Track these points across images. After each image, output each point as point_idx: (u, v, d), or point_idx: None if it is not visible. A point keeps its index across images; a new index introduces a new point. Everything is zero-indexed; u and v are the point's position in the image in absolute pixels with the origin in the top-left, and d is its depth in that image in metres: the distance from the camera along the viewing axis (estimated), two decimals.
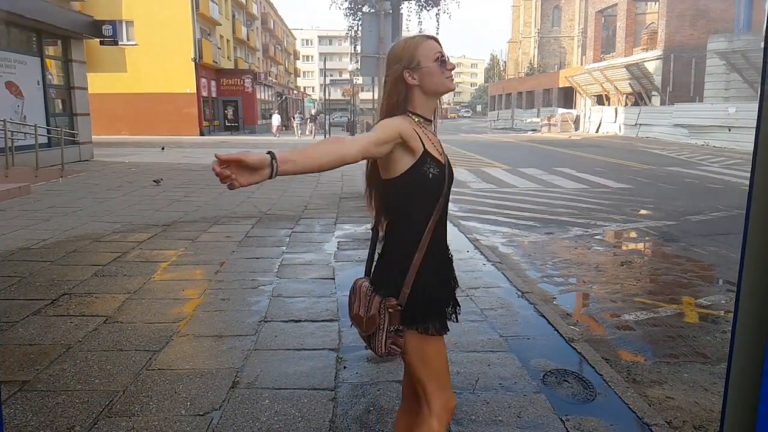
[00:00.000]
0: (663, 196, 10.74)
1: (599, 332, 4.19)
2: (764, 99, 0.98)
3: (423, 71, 1.73)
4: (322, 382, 3.06)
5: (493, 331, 3.83)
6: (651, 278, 5.57)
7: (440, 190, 1.72)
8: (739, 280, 1.14)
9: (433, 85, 1.74)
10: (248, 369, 3.20)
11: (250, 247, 6.17)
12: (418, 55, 1.73)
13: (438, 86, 1.75)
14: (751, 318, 1.02)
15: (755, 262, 0.99)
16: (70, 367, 3.20)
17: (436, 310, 1.76)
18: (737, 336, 1.09)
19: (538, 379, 3.16)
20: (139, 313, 4.09)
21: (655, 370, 3.57)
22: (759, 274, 0.97)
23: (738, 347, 1.09)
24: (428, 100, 1.77)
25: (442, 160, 1.75)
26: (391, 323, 1.71)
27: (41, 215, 7.88)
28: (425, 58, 1.73)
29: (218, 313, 4.13)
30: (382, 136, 1.61)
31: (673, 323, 4.35)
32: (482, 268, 5.47)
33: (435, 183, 1.71)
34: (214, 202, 9.25)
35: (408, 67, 1.73)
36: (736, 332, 1.11)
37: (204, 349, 3.49)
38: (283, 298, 4.47)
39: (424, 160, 1.69)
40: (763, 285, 0.97)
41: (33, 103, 14.07)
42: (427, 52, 1.73)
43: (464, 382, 3.10)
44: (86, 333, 3.70)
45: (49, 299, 4.36)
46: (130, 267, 5.30)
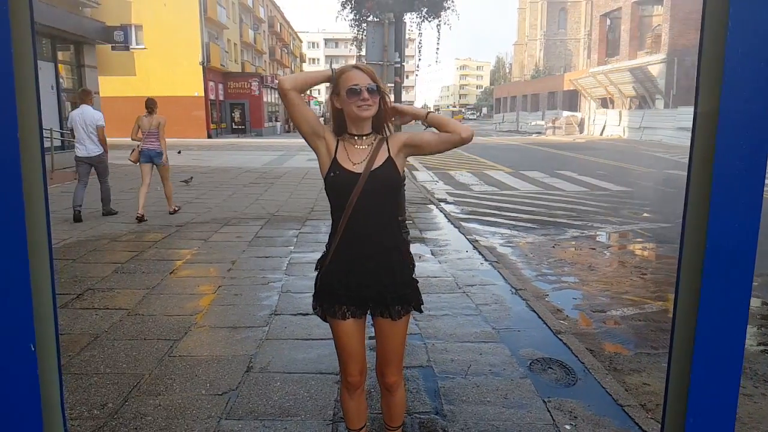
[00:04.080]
0: (661, 199, 11.00)
1: (586, 326, 4.48)
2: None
3: (341, 98, 2.03)
4: (328, 367, 3.37)
5: (486, 324, 4.13)
6: (641, 277, 5.84)
7: (345, 198, 2.00)
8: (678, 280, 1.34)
9: (350, 111, 2.02)
10: (261, 356, 3.52)
11: (260, 247, 6.49)
12: (339, 83, 2.03)
13: (350, 113, 2.02)
14: (686, 312, 1.25)
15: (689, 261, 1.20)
16: (99, 354, 3.53)
17: (330, 296, 2.09)
18: (676, 328, 1.32)
19: (525, 366, 3.46)
20: (158, 307, 4.41)
21: (635, 360, 3.86)
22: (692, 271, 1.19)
23: (677, 336, 1.32)
24: (353, 119, 2.04)
25: (357, 169, 2.04)
26: (314, 291, 2.18)
27: (59, 216, 8.22)
28: (343, 88, 2.01)
29: (232, 307, 4.45)
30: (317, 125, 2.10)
31: (657, 318, 4.64)
32: (479, 267, 5.77)
33: (341, 190, 2.02)
34: (225, 204, 9.59)
35: (334, 92, 2.06)
36: (676, 325, 1.33)
37: (220, 338, 3.81)
38: (292, 293, 4.78)
39: (332, 167, 2.03)
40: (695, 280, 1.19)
41: (47, 107, 14.49)
42: (345, 81, 2.01)
43: (457, 368, 3.40)
44: (111, 324, 4.03)
45: (74, 294, 4.69)
46: (147, 265, 5.64)
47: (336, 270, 2.08)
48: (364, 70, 2.04)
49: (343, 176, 2.03)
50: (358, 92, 1.99)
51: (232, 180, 12.62)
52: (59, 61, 15.53)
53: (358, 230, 2.04)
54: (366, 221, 2.03)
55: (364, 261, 2.06)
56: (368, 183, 2.02)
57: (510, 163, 18.20)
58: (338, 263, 2.07)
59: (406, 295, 2.14)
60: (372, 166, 2.05)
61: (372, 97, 2.00)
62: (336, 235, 2.06)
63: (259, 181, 12.88)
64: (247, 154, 21.34)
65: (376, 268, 2.07)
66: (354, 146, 2.08)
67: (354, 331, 2.14)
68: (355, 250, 2.06)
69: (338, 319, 2.11)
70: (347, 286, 2.07)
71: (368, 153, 2.07)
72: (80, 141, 8.17)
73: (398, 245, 2.15)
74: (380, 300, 2.10)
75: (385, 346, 2.17)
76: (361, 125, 2.08)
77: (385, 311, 2.11)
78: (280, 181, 13.01)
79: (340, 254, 2.07)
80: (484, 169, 16.21)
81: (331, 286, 2.09)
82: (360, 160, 2.06)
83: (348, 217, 2.02)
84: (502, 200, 10.67)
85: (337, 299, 2.09)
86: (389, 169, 2.09)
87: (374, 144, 2.10)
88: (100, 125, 8.11)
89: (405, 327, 2.19)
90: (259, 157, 18.91)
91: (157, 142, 8.22)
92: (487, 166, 17.38)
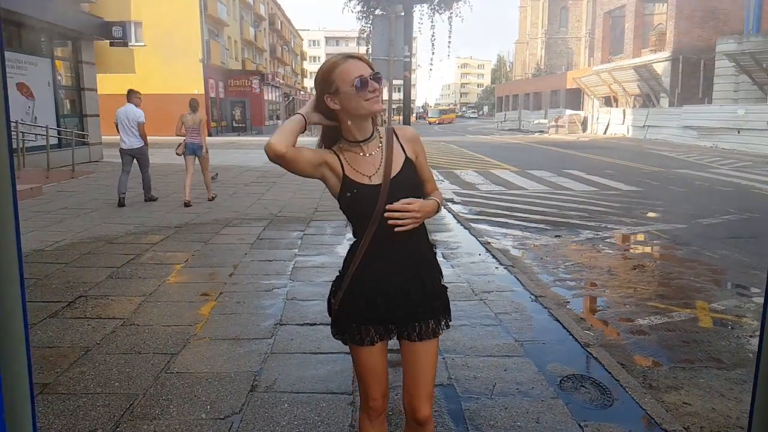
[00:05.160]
0: (673, 199, 10.70)
1: (614, 337, 4.19)
2: None
3: (341, 95, 1.71)
4: (340, 386, 3.07)
5: (508, 336, 3.84)
6: (663, 282, 5.55)
7: (367, 216, 1.73)
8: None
9: (354, 109, 1.72)
10: (266, 373, 3.22)
11: (263, 250, 6.20)
12: (334, 78, 1.71)
13: (358, 110, 1.72)
14: None
15: None
16: (90, 370, 3.24)
17: (355, 320, 1.81)
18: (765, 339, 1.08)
19: (554, 384, 3.17)
20: (155, 316, 4.12)
21: (671, 375, 3.57)
22: None
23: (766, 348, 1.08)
24: (356, 120, 1.75)
25: (374, 180, 1.76)
26: (331, 315, 1.88)
27: (54, 216, 7.94)
28: (342, 82, 1.70)
29: (234, 316, 4.15)
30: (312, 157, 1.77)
31: (687, 328, 4.34)
32: (495, 271, 5.48)
33: (361, 209, 1.74)
34: (225, 204, 9.29)
35: (328, 92, 1.73)
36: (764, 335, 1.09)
37: (221, 352, 3.51)
38: (298, 301, 4.49)
39: (345, 187, 1.76)
40: None
41: (44, 104, 14.18)
42: (344, 75, 1.70)
43: (482, 387, 3.11)
44: (104, 335, 3.74)
45: (65, 301, 4.40)
46: (144, 269, 5.34)
47: (360, 291, 1.80)
48: (360, 58, 1.75)
49: (361, 193, 1.75)
50: (366, 83, 1.69)
51: (233, 179, 12.33)
52: (57, 57, 15.22)
53: (384, 246, 1.76)
54: (392, 235, 1.75)
55: (392, 278, 1.79)
56: (391, 194, 1.74)
57: (515, 161, 17.90)
58: (362, 283, 1.79)
59: (437, 308, 1.87)
60: (391, 174, 1.76)
61: (380, 86, 1.72)
62: (358, 254, 1.78)
63: (261, 180, 12.58)
64: (248, 152, 21.04)
65: (406, 284, 1.80)
66: (359, 155, 1.80)
67: (380, 354, 1.87)
68: (382, 267, 1.78)
69: (365, 345, 1.83)
70: (375, 309, 1.79)
71: (380, 159, 1.79)
72: (123, 135, 9.05)
73: (427, 255, 1.88)
74: (411, 318, 1.82)
75: (417, 372, 1.87)
76: (364, 128, 1.79)
77: (415, 330, 1.83)
78: (282, 180, 12.70)
79: (364, 273, 1.79)
80: (490, 168, 15.91)
81: (355, 310, 1.81)
82: (373, 169, 1.78)
83: (372, 233, 1.75)
84: (510, 200, 10.38)
85: (363, 324, 1.81)
86: (410, 173, 1.82)
87: (383, 146, 1.81)
88: (141, 121, 9.07)
89: (437, 347, 1.91)
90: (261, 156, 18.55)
91: (198, 137, 9.13)
92: (492, 164, 17.08)
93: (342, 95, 1.71)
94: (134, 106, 9.09)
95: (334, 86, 1.71)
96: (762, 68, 22.97)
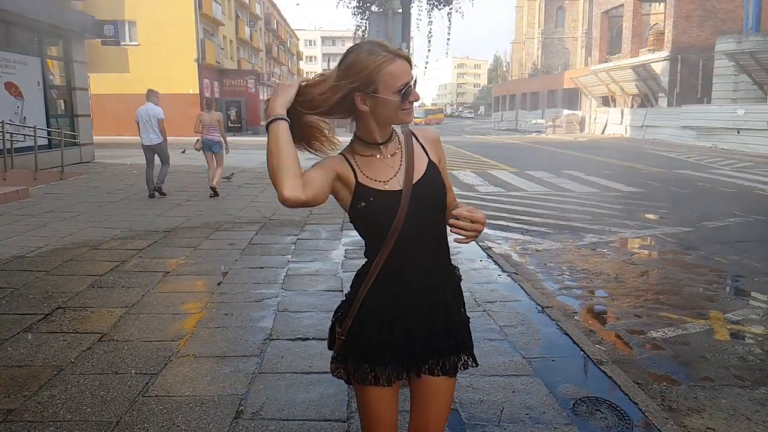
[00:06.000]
0: (676, 201, 10.47)
1: (626, 352, 3.93)
2: None
3: (379, 100, 1.43)
4: (334, 411, 2.80)
5: (514, 352, 3.57)
6: (674, 290, 5.30)
7: (385, 228, 1.46)
8: None
9: (386, 117, 1.47)
10: (252, 396, 2.95)
11: (254, 256, 5.92)
12: (377, 79, 1.43)
13: (391, 118, 1.48)
14: None
15: None
16: (61, 393, 2.96)
17: (365, 355, 1.52)
18: None
19: (568, 408, 2.91)
20: (136, 330, 3.84)
21: (690, 395, 3.31)
22: None
23: None
24: (380, 125, 1.50)
25: (393, 186, 1.49)
26: (335, 348, 1.59)
27: (38, 220, 7.65)
28: (386, 86, 1.42)
29: (220, 330, 3.88)
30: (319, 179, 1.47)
31: (703, 341, 4.09)
32: (497, 279, 5.22)
33: (378, 220, 1.48)
34: (217, 207, 9.01)
35: (362, 90, 1.44)
36: None
37: (205, 372, 3.24)
38: (290, 313, 4.22)
39: (359, 195, 1.48)
40: None
41: (33, 104, 13.85)
42: (390, 79, 1.42)
43: (488, 412, 2.84)
44: (80, 353, 3.46)
45: (42, 314, 4.12)
46: (128, 277, 5.06)
47: (373, 320, 1.51)
48: (406, 58, 1.47)
49: (379, 202, 1.47)
50: (410, 93, 1.44)
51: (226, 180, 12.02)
52: (47, 56, 14.88)
53: (404, 264, 1.50)
54: (413, 252, 1.49)
55: (412, 304, 1.51)
56: (413, 202, 1.47)
57: (513, 162, 17.65)
58: (376, 310, 1.51)
59: (461, 342, 1.61)
60: (413, 178, 1.49)
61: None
62: (371, 273, 1.50)
63: (255, 182, 12.30)
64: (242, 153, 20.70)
65: (428, 311, 1.53)
66: (375, 158, 1.52)
67: (393, 397, 1.58)
68: (401, 290, 1.51)
69: (380, 386, 1.53)
70: (392, 341, 1.51)
71: (400, 161, 1.52)
72: (144, 132, 9.61)
73: (452, 277, 1.62)
74: (432, 353, 1.55)
75: (429, 412, 1.61)
76: (387, 130, 1.53)
77: (437, 366, 1.56)
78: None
79: (378, 297, 1.51)
80: (488, 169, 15.66)
81: (367, 343, 1.51)
82: (390, 173, 1.51)
83: (390, 250, 1.47)
84: (510, 202, 10.12)
85: (376, 360, 1.51)
86: (435, 179, 1.55)
87: (403, 147, 1.55)
88: (160, 118, 9.68)
89: (454, 385, 1.64)
90: (255, 156, 18.30)
91: (216, 134, 9.78)
92: (490, 165, 16.84)
93: (379, 100, 1.43)
94: (154, 105, 9.68)
95: (373, 87, 1.43)
96: (762, 68, 22.78)
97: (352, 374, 1.54)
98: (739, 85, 25.32)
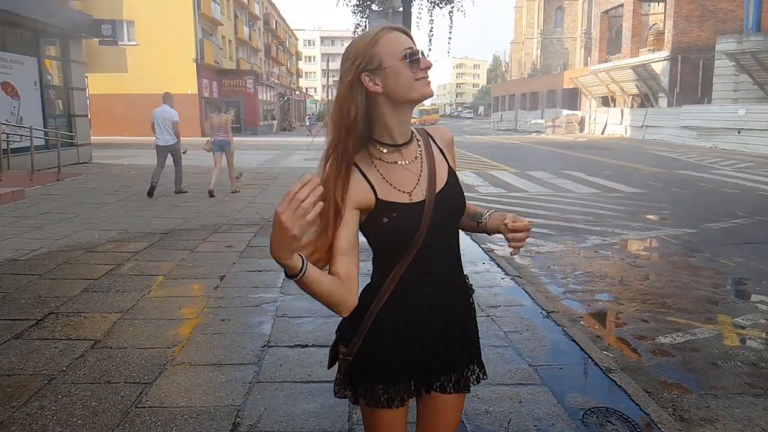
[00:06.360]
0: (678, 202, 10.37)
1: (635, 358, 3.82)
2: None
3: (387, 72, 1.30)
4: (335, 424, 2.70)
5: (520, 360, 3.47)
6: (680, 294, 5.19)
7: (406, 243, 1.35)
8: None
9: (402, 90, 1.32)
10: (250, 407, 2.84)
11: (252, 258, 5.81)
12: (378, 52, 1.31)
13: (408, 92, 1.33)
14: None
15: None
16: (51, 404, 2.85)
17: (378, 375, 1.39)
18: None
19: (577, 419, 2.80)
20: (130, 336, 3.73)
21: (702, 404, 3.21)
22: None
23: None
24: (399, 111, 1.36)
25: (416, 197, 1.36)
26: (339, 370, 1.46)
27: (34, 222, 7.53)
28: (389, 55, 1.30)
29: (217, 336, 3.77)
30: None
31: (712, 347, 3.99)
32: (501, 282, 5.11)
33: (400, 235, 1.35)
34: (215, 208, 8.90)
35: (366, 68, 1.31)
36: None
37: (201, 381, 3.13)
38: (288, 318, 4.11)
39: (380, 209, 1.34)
40: None
41: (30, 104, 13.72)
42: (390, 47, 1.31)
43: (495, 423, 2.74)
44: (71, 360, 3.35)
45: (34, 319, 4.01)
46: (123, 281, 4.95)
47: (387, 339, 1.39)
48: (403, 30, 1.36)
49: (402, 216, 1.34)
50: (418, 58, 1.31)
51: (225, 181, 11.89)
52: (44, 56, 14.75)
53: (420, 279, 1.39)
54: (430, 265, 1.39)
55: (429, 319, 1.41)
56: (435, 213, 1.36)
57: (514, 162, 17.55)
58: (390, 329, 1.39)
59: (474, 355, 1.52)
60: (436, 187, 1.39)
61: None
62: (384, 291, 1.38)
63: (254, 183, 12.19)
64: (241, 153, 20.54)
65: (444, 325, 1.43)
66: (396, 164, 1.38)
67: (404, 416, 1.47)
68: (417, 306, 1.40)
69: (393, 408, 1.41)
70: (408, 360, 1.40)
71: (421, 168, 1.40)
72: (159, 133, 9.90)
73: (464, 287, 1.52)
74: (446, 369, 1.45)
75: (437, 428, 1.51)
76: (406, 125, 1.40)
77: (449, 383, 1.46)
78: (275, 183, 12.32)
79: (393, 315, 1.38)
80: (488, 169, 15.56)
81: (381, 363, 1.39)
82: (413, 182, 1.38)
83: (407, 264, 1.36)
84: (511, 203, 10.02)
85: (390, 380, 1.39)
86: (456, 188, 1.45)
87: (422, 150, 1.43)
88: (175, 121, 9.96)
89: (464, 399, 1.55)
90: (254, 157, 18.19)
91: (225, 135, 10.03)
92: (490, 165, 16.73)
93: (388, 71, 1.30)
94: (169, 107, 9.94)
95: (377, 60, 1.30)
96: (763, 67, 22.70)
97: (362, 396, 1.42)
98: (739, 85, 25.24)
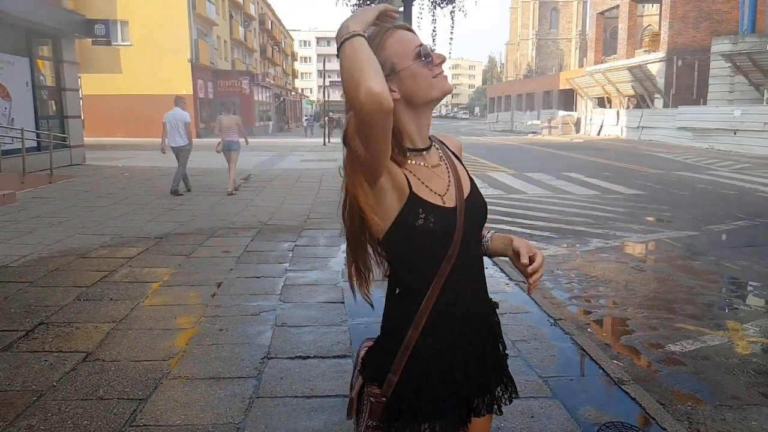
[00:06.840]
0: (678, 203, 10.29)
1: (646, 368, 3.71)
2: None
3: (403, 76, 1.20)
4: None
5: (530, 371, 3.35)
6: (687, 299, 5.09)
7: (442, 251, 1.22)
8: None
9: (423, 91, 1.22)
10: (250, 425, 2.71)
11: (250, 264, 5.68)
12: (387, 55, 1.20)
13: (429, 91, 1.22)
14: None
15: None
16: (40, 423, 2.71)
17: (422, 412, 1.24)
18: None
19: None
20: (124, 348, 3.59)
21: (718, 416, 3.10)
22: None
23: None
24: (419, 115, 1.25)
25: (448, 202, 1.24)
26: (370, 416, 1.26)
27: (24, 226, 7.36)
28: (400, 57, 1.20)
29: (215, 347, 3.63)
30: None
31: (724, 355, 3.88)
32: (506, 288, 5.00)
33: (436, 240, 1.21)
34: (211, 211, 8.75)
35: None
36: None
37: (198, 396, 2.99)
38: (288, 327, 3.98)
39: (414, 206, 1.20)
40: None
41: (21, 105, 13.52)
42: (399, 48, 1.21)
43: None
44: (62, 375, 3.21)
45: (23, 330, 3.86)
46: (117, 289, 4.80)
47: (430, 370, 1.24)
48: (408, 29, 1.26)
49: (440, 219, 1.21)
50: (429, 56, 1.20)
51: (220, 184, 11.74)
52: (36, 56, 14.55)
53: (457, 297, 1.26)
54: (465, 281, 1.27)
55: (470, 340, 1.29)
56: (467, 221, 1.25)
57: (511, 163, 17.47)
58: (433, 357, 1.25)
59: (506, 374, 1.44)
60: (464, 193, 1.28)
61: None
62: (421, 314, 1.23)
63: (250, 185, 12.04)
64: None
65: (484, 344, 1.33)
66: (426, 167, 1.27)
67: None
68: (456, 327, 1.28)
69: None
70: (455, 389, 1.26)
71: (446, 173, 1.29)
72: (171, 135, 10.19)
73: (489, 301, 1.43)
74: (482, 391, 1.35)
75: None
76: (426, 128, 1.28)
77: (483, 405, 1.36)
78: (272, 185, 12.18)
79: (433, 340, 1.24)
80: (486, 171, 15.45)
81: (426, 398, 1.23)
82: (443, 186, 1.27)
83: (444, 280, 1.23)
84: (511, 205, 9.91)
85: (437, 416, 1.25)
86: (479, 196, 1.35)
87: (443, 157, 1.33)
88: (187, 122, 10.29)
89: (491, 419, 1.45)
90: (250, 158, 17.99)
91: (235, 135, 10.35)
92: (487, 167, 16.63)
93: (403, 74, 1.19)
94: (180, 110, 10.25)
95: (389, 65, 1.19)
96: (759, 68, 22.71)
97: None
98: (735, 86, 25.25)
